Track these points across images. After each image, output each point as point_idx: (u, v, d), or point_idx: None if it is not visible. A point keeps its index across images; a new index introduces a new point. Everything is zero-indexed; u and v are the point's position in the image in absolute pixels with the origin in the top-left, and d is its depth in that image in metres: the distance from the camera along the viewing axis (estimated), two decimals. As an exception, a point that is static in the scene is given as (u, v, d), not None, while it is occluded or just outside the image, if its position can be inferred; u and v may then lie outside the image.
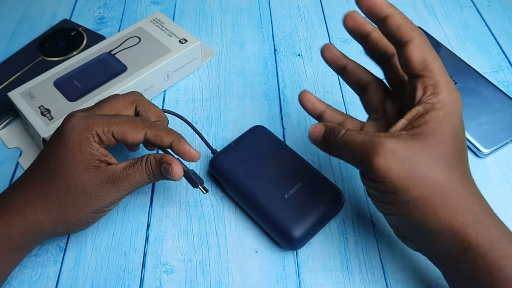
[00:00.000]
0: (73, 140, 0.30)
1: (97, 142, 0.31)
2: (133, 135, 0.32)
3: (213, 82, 0.48)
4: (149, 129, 0.32)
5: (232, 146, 0.39)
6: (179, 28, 0.47)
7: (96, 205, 0.31)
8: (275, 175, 0.36)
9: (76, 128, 0.30)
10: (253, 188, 0.36)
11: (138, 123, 0.32)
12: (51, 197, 0.30)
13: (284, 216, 0.34)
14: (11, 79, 0.47)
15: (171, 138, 0.32)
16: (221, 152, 0.38)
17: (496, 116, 0.42)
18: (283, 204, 0.34)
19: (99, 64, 0.44)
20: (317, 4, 0.56)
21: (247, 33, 0.53)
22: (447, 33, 0.52)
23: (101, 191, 0.31)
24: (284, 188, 0.35)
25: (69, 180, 0.30)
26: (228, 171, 0.37)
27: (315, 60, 0.50)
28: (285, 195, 0.35)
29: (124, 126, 0.31)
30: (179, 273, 0.34)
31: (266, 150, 0.38)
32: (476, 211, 0.27)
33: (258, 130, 0.40)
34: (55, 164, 0.30)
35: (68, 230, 0.32)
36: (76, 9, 0.56)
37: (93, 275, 0.34)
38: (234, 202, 0.38)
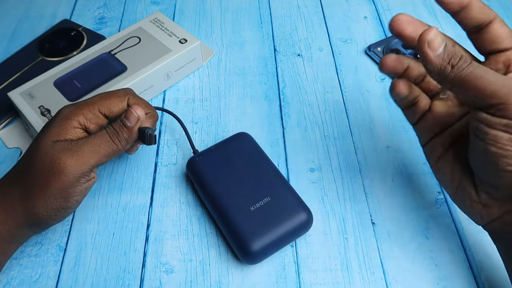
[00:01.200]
0: (57, 121, 0.31)
1: (79, 122, 0.32)
2: (117, 104, 0.33)
3: (213, 82, 0.48)
4: (131, 96, 0.34)
5: (211, 150, 0.38)
6: (179, 28, 0.47)
7: (57, 183, 0.29)
8: (247, 185, 0.36)
9: (61, 112, 0.32)
10: (221, 194, 0.35)
11: (119, 91, 0.34)
12: (22, 181, 0.31)
13: (245, 228, 0.33)
14: (11, 79, 0.47)
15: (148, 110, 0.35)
16: (200, 153, 0.38)
17: (496, 116, 0.42)
18: (247, 216, 0.34)
19: (99, 64, 0.44)
20: (317, 4, 0.56)
21: (247, 33, 0.53)
22: (447, 33, 0.52)
23: (58, 163, 0.29)
24: (252, 200, 0.35)
25: (35, 158, 0.30)
26: (201, 173, 0.37)
27: (315, 60, 0.50)
28: (251, 207, 0.34)
29: (107, 99, 0.33)
30: (179, 273, 0.34)
31: (244, 158, 0.38)
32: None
33: (242, 137, 0.39)
34: (34, 143, 0.31)
35: (41, 223, 0.31)
36: (76, 9, 0.56)
37: (93, 275, 0.34)
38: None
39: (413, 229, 0.36)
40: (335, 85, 0.47)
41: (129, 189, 0.39)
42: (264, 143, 0.42)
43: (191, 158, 0.38)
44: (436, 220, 0.37)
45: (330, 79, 0.48)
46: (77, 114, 0.32)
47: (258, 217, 0.34)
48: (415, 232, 0.36)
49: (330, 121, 0.44)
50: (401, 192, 0.39)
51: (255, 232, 0.33)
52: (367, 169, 0.40)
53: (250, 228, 0.33)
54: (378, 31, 0.53)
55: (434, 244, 0.35)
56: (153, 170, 0.40)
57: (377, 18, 0.54)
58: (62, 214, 0.32)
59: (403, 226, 0.37)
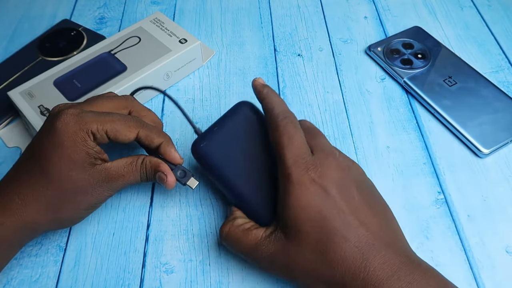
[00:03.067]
0: (68, 139, 0.30)
1: (92, 140, 0.31)
2: (126, 134, 0.32)
3: (213, 82, 0.48)
4: (142, 129, 0.33)
5: (217, 130, 0.33)
6: (179, 28, 0.47)
7: (91, 202, 0.32)
8: (262, 167, 0.33)
9: (70, 127, 0.30)
10: (240, 181, 0.33)
11: (131, 122, 0.33)
12: (48, 198, 0.30)
13: (266, 216, 0.32)
14: (11, 79, 0.47)
15: (160, 140, 0.33)
16: (204, 136, 0.33)
17: (496, 116, 0.42)
18: (268, 204, 0.32)
19: (99, 64, 0.44)
20: (317, 4, 0.56)
21: (247, 33, 0.53)
22: (447, 33, 0.52)
23: (96, 190, 0.31)
24: (266, 187, 0.33)
25: (66, 181, 0.30)
26: (213, 162, 0.33)
27: (315, 60, 0.50)
28: (267, 197, 0.33)
29: (118, 125, 0.32)
30: (179, 273, 0.34)
31: (254, 134, 0.34)
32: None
33: (246, 109, 0.35)
34: (49, 164, 0.30)
35: (60, 226, 0.33)
36: (76, 9, 0.56)
37: (93, 275, 0.34)
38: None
39: (413, 229, 0.36)
40: (335, 85, 0.47)
41: (129, 189, 0.39)
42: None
43: (197, 143, 0.33)
44: (436, 220, 0.37)
45: (330, 79, 0.48)
46: (85, 129, 0.30)
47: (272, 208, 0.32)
48: (415, 232, 0.36)
49: (330, 121, 0.44)
50: (401, 192, 0.39)
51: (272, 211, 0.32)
52: (367, 169, 0.40)
53: (271, 218, 0.32)
54: (378, 31, 0.53)
55: (434, 244, 0.35)
56: (153, 170, 0.40)
57: (377, 18, 0.54)
58: (83, 219, 0.34)
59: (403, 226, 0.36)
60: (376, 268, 0.26)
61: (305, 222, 0.27)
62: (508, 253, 0.35)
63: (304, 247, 0.27)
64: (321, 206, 0.27)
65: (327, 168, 0.29)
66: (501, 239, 0.36)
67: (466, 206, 0.38)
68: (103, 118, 0.31)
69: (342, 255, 0.26)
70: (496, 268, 0.34)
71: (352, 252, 0.26)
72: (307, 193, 0.28)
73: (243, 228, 0.31)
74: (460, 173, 0.40)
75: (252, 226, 0.31)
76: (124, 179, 0.32)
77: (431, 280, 0.26)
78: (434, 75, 0.46)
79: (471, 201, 0.38)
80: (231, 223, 0.32)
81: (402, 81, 0.46)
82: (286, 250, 0.28)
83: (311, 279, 0.28)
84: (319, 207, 0.27)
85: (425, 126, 0.43)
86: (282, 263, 0.28)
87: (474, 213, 0.37)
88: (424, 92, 0.45)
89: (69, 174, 0.30)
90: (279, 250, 0.28)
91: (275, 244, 0.29)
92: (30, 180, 0.30)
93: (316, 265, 0.27)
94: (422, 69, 0.47)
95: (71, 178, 0.30)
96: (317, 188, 0.28)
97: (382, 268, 0.26)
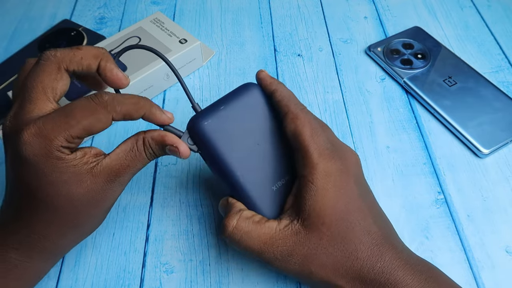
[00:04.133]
0: (46, 168, 0.25)
1: (70, 153, 0.26)
2: (100, 126, 0.26)
3: (213, 82, 0.48)
4: (115, 113, 0.27)
5: (219, 110, 0.30)
6: (179, 28, 0.47)
7: (106, 207, 0.29)
8: (266, 156, 0.31)
9: (40, 156, 0.25)
10: (239, 170, 0.30)
11: (99, 109, 0.26)
12: (64, 224, 0.28)
13: (267, 212, 0.30)
14: (11, 79, 0.47)
15: (141, 112, 0.28)
16: (204, 114, 0.30)
17: (496, 116, 0.42)
18: (269, 198, 0.30)
19: (99, 64, 0.44)
20: (317, 4, 0.56)
21: (247, 33, 0.53)
22: (447, 33, 0.52)
23: (106, 193, 0.28)
24: (273, 177, 0.31)
25: (73, 205, 0.27)
26: (212, 144, 0.30)
27: (315, 60, 0.50)
28: (273, 186, 0.31)
29: (84, 121, 0.26)
30: (179, 273, 0.34)
31: (258, 120, 0.31)
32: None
33: (252, 92, 0.31)
34: (46, 196, 0.26)
35: (84, 237, 0.31)
36: (76, 9, 0.56)
37: (93, 275, 0.34)
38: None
39: (413, 229, 0.36)
40: (335, 85, 0.47)
41: (129, 189, 0.39)
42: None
43: (199, 120, 0.30)
44: (436, 220, 0.37)
45: (330, 79, 0.48)
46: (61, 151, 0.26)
47: (281, 198, 0.31)
48: (415, 232, 0.36)
49: (330, 121, 0.44)
50: (401, 192, 0.39)
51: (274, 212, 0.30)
52: (367, 169, 0.40)
53: (272, 212, 0.30)
54: (378, 31, 0.53)
55: (434, 244, 0.35)
56: (153, 170, 0.40)
57: (377, 18, 0.54)
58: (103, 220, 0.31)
59: (403, 226, 0.36)
60: (391, 257, 0.27)
61: (330, 216, 0.27)
62: (508, 253, 0.35)
63: (326, 240, 0.27)
64: (345, 200, 0.28)
65: (349, 162, 0.29)
66: (501, 239, 0.36)
67: (466, 206, 0.38)
68: (65, 125, 0.25)
69: (361, 247, 0.27)
70: (496, 268, 0.34)
71: (370, 244, 0.27)
72: (334, 185, 0.27)
73: (253, 220, 0.28)
74: (460, 173, 0.40)
75: (262, 218, 0.29)
76: (131, 168, 0.28)
77: (433, 271, 0.28)
78: (434, 75, 0.46)
79: (471, 201, 0.38)
80: (237, 215, 0.29)
81: (402, 81, 0.46)
82: (306, 243, 0.27)
83: (328, 272, 0.27)
84: (344, 201, 0.27)
85: (425, 126, 0.43)
86: (300, 256, 0.27)
87: (474, 213, 0.37)
88: (424, 92, 0.45)
89: (73, 198, 0.27)
90: (297, 243, 0.27)
91: (293, 237, 0.28)
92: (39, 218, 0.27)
93: (336, 257, 0.27)
94: (422, 69, 0.47)
95: (76, 200, 0.27)
96: (342, 182, 0.28)
97: (396, 257, 0.27)
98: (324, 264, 0.27)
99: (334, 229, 0.27)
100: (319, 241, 0.27)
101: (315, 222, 0.27)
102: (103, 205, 0.29)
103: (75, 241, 0.30)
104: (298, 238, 0.28)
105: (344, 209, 0.27)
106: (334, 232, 0.27)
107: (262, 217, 0.29)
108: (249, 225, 0.28)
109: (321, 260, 0.27)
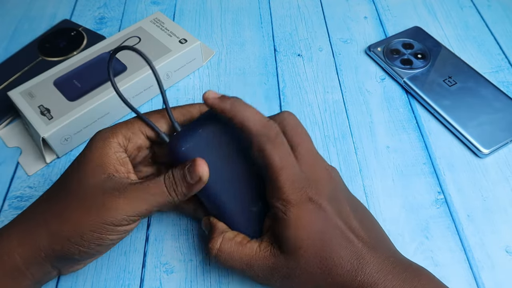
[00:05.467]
0: (95, 147, 0.28)
1: (119, 143, 0.29)
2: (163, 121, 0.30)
3: (213, 82, 0.48)
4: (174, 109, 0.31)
5: (199, 131, 0.29)
6: (179, 28, 0.47)
7: (99, 217, 0.27)
8: (246, 177, 0.31)
9: (99, 133, 0.29)
10: (218, 191, 0.30)
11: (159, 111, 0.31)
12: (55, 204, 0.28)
13: (245, 225, 0.31)
14: (11, 79, 0.47)
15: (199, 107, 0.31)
16: (183, 136, 0.29)
17: (496, 116, 0.42)
18: (248, 219, 0.31)
19: (99, 64, 0.44)
20: (317, 4, 0.56)
21: (247, 33, 0.53)
22: (447, 33, 0.52)
23: (109, 202, 0.27)
24: (253, 197, 0.31)
25: (78, 186, 0.28)
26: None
27: (315, 60, 0.50)
28: (253, 208, 0.31)
29: (151, 117, 0.30)
30: (179, 273, 0.34)
31: (236, 142, 0.30)
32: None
33: None
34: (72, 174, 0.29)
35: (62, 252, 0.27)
36: (76, 9, 0.56)
37: (93, 275, 0.34)
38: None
39: (413, 229, 0.36)
40: (335, 85, 0.47)
41: (129, 189, 0.39)
42: (264, 143, 0.42)
43: (174, 142, 0.29)
44: (436, 220, 0.37)
45: (330, 79, 0.48)
46: (115, 134, 0.29)
47: (260, 219, 0.31)
48: (415, 232, 0.36)
49: (330, 121, 0.44)
50: (401, 192, 0.39)
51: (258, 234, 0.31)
52: (367, 169, 0.40)
53: (252, 232, 0.31)
54: (378, 31, 0.53)
55: (434, 244, 0.35)
56: (153, 170, 0.40)
57: (377, 18, 0.54)
58: (89, 251, 0.28)
59: (403, 226, 0.36)
60: (372, 269, 0.27)
61: (306, 240, 0.27)
62: (508, 253, 0.35)
63: (304, 262, 0.27)
64: (319, 223, 0.28)
65: (321, 184, 0.29)
66: (501, 239, 0.36)
67: (466, 206, 0.38)
68: (130, 119, 0.30)
69: (340, 261, 0.27)
70: (496, 268, 0.34)
71: (349, 258, 0.27)
72: (307, 213, 0.28)
73: (236, 241, 0.29)
74: (460, 173, 0.40)
75: (243, 238, 0.30)
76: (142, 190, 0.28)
77: (422, 277, 0.28)
78: (434, 75, 0.46)
79: (471, 201, 0.38)
80: (220, 237, 0.30)
81: (402, 81, 0.46)
82: (285, 264, 0.28)
83: (310, 287, 0.28)
84: (318, 224, 0.28)
85: (425, 126, 0.43)
86: (280, 276, 0.28)
87: (474, 213, 0.37)
88: (424, 92, 0.45)
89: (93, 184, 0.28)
90: (277, 264, 0.28)
91: (272, 259, 0.28)
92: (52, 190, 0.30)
93: (315, 274, 0.27)
94: (422, 69, 0.47)
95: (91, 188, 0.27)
96: (315, 207, 0.28)
97: (377, 269, 0.27)
98: (304, 282, 0.28)
99: (312, 250, 0.27)
100: (297, 264, 0.28)
101: (291, 248, 0.28)
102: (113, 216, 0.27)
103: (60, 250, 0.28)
104: (277, 260, 0.28)
105: (319, 230, 0.27)
106: (311, 254, 0.27)
107: (244, 237, 0.30)
108: (232, 246, 0.29)
109: (301, 279, 0.28)
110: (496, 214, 0.37)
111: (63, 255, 0.28)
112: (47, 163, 0.41)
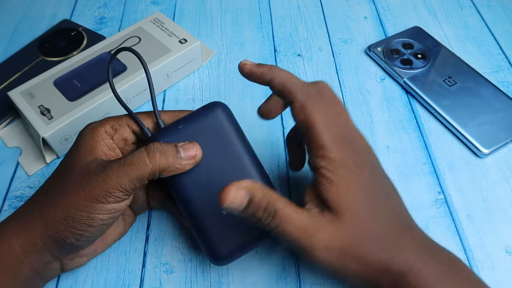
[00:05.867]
0: (84, 136, 0.30)
1: (106, 132, 0.30)
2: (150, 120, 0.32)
3: (213, 82, 0.48)
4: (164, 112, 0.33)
5: (180, 129, 0.30)
6: (179, 28, 0.47)
7: (84, 194, 0.27)
8: (221, 178, 0.30)
9: (89, 124, 0.31)
10: (192, 192, 0.30)
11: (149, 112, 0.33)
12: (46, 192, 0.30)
13: (216, 229, 0.30)
14: (11, 79, 0.47)
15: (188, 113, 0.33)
16: (165, 132, 0.30)
17: (496, 116, 0.42)
18: (219, 221, 0.30)
19: (99, 64, 0.44)
20: (317, 4, 0.56)
21: (247, 33, 0.53)
22: (447, 33, 0.52)
23: (91, 178, 0.28)
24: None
25: (67, 171, 0.29)
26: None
27: (315, 60, 0.50)
28: (224, 210, 0.30)
29: (140, 115, 0.32)
30: (179, 273, 0.34)
31: (218, 141, 0.30)
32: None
33: (217, 112, 0.31)
34: (65, 163, 0.30)
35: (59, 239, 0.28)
36: (76, 9, 0.56)
37: (93, 275, 0.34)
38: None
39: (413, 229, 0.36)
40: (335, 85, 0.47)
41: (129, 189, 0.39)
42: (264, 144, 0.42)
43: (155, 136, 0.31)
44: (436, 220, 0.37)
45: (330, 79, 0.48)
46: (103, 124, 0.31)
47: (229, 218, 0.30)
48: (415, 232, 0.36)
49: (330, 121, 0.44)
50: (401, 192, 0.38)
51: (225, 234, 0.30)
52: (367, 169, 0.40)
53: (220, 229, 0.30)
54: (378, 31, 0.53)
55: (434, 244, 0.35)
56: (153, 170, 0.40)
57: (377, 18, 0.54)
58: (83, 233, 0.28)
59: (403, 226, 0.36)
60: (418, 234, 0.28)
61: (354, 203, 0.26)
62: (508, 253, 0.35)
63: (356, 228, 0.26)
64: (365, 186, 0.27)
65: (363, 152, 0.28)
66: (501, 239, 0.36)
67: (466, 206, 0.38)
68: (120, 115, 0.32)
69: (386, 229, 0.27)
70: (496, 268, 0.34)
71: (393, 228, 0.27)
72: (353, 173, 0.27)
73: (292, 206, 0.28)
74: (460, 173, 0.40)
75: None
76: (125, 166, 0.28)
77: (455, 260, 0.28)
78: (434, 75, 0.46)
79: (471, 201, 0.38)
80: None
81: (402, 81, 0.46)
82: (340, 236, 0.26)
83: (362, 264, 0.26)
84: (367, 188, 0.27)
85: (425, 126, 0.43)
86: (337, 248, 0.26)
87: (474, 213, 0.37)
88: (424, 92, 0.45)
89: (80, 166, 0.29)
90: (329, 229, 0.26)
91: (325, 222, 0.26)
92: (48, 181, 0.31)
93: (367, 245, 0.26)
94: (422, 69, 0.47)
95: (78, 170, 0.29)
96: (359, 171, 0.27)
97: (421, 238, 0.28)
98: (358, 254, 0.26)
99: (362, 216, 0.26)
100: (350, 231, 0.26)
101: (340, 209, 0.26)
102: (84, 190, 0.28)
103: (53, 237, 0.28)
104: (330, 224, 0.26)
105: (368, 195, 0.27)
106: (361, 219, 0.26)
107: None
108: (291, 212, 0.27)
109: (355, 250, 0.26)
110: (496, 214, 0.37)
111: (59, 240, 0.28)
112: (47, 163, 0.41)
